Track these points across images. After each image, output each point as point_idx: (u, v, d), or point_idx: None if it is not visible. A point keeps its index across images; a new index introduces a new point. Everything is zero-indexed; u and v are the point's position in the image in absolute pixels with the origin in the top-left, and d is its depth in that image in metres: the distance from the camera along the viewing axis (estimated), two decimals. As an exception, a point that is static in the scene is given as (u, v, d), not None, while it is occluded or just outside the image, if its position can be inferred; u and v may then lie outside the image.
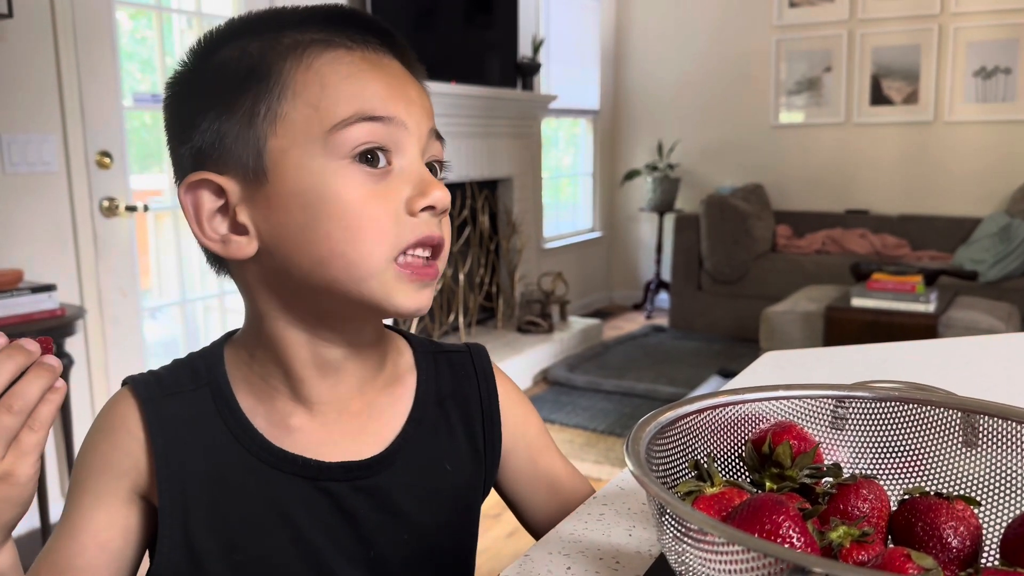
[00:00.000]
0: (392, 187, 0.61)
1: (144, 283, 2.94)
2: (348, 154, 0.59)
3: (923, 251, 4.78)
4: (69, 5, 2.44)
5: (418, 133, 0.63)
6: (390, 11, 3.53)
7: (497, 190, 4.60)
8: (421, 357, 0.74)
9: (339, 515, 0.66)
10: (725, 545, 0.42)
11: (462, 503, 0.72)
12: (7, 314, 2.15)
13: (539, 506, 0.78)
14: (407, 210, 0.61)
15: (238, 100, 0.60)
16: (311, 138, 0.59)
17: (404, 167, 0.62)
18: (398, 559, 0.68)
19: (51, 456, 2.49)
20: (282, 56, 0.61)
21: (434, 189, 0.61)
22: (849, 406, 0.63)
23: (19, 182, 2.38)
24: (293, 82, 0.60)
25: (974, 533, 0.52)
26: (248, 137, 0.60)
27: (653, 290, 5.59)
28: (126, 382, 0.67)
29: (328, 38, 0.62)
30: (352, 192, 0.59)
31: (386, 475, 0.67)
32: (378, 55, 0.63)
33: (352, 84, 0.60)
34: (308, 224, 0.60)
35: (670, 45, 5.62)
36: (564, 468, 0.80)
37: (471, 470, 0.73)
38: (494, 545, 2.31)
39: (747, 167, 5.45)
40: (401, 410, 0.70)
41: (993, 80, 4.78)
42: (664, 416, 0.58)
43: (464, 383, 0.75)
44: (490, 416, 0.74)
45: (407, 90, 0.63)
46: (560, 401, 3.70)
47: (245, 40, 0.62)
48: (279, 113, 0.60)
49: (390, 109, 0.61)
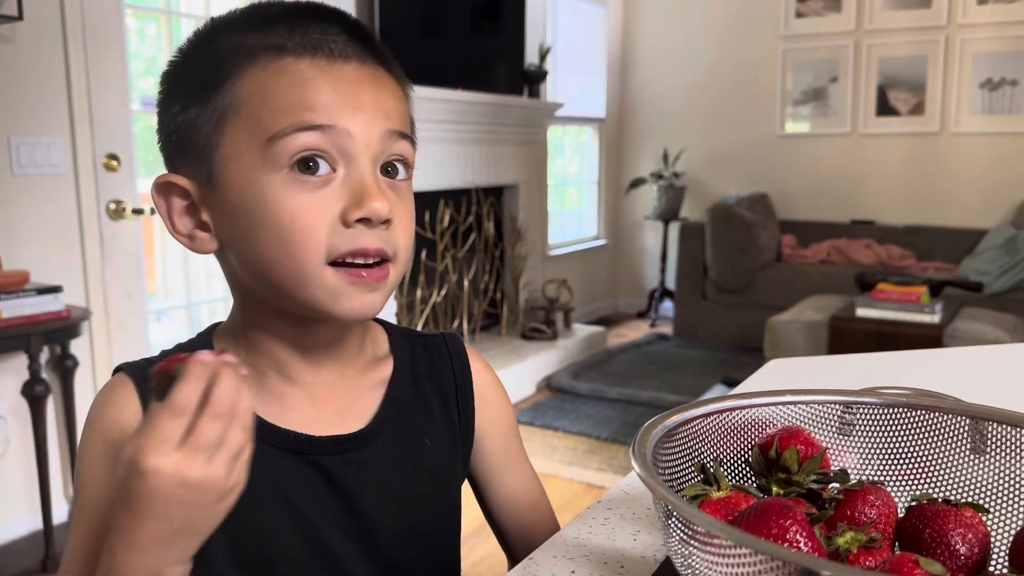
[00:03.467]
0: (330, 196, 0.61)
1: (150, 286, 2.94)
2: (287, 164, 0.60)
3: (928, 262, 4.77)
4: (79, 8, 2.46)
5: (367, 139, 0.62)
6: (398, 18, 3.54)
7: (503, 197, 4.61)
8: (397, 341, 0.78)
9: (330, 488, 0.68)
10: (732, 548, 0.42)
11: (442, 477, 0.75)
12: (13, 315, 2.16)
13: (507, 495, 0.81)
14: (342, 220, 0.61)
15: (200, 104, 0.63)
16: (252, 148, 0.61)
17: (348, 175, 0.62)
18: (386, 531, 0.70)
19: (55, 458, 2.49)
20: (235, 65, 0.62)
21: (370, 200, 0.61)
22: (857, 412, 0.62)
23: (27, 184, 2.39)
24: (241, 92, 0.62)
25: (982, 540, 0.52)
26: (203, 143, 0.63)
27: (657, 298, 5.59)
28: (120, 368, 0.68)
29: (282, 43, 0.62)
30: (287, 203, 0.60)
31: (371, 448, 0.70)
32: (333, 60, 0.62)
33: (294, 93, 0.60)
34: (250, 231, 0.62)
35: (676, 54, 5.63)
36: (533, 471, 0.85)
37: (448, 445, 0.76)
38: (497, 551, 2.30)
39: (753, 176, 5.45)
40: (380, 390, 0.73)
41: (1000, 92, 4.77)
42: (671, 419, 0.58)
43: (439, 363, 0.78)
44: (464, 393, 0.78)
45: (357, 95, 0.62)
46: (564, 408, 3.70)
47: (218, 41, 0.64)
48: (227, 122, 0.62)
49: (332, 117, 0.60)
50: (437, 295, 3.98)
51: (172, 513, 0.51)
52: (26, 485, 2.44)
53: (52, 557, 2.26)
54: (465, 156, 4.08)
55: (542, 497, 0.84)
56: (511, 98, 4.33)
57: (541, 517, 0.82)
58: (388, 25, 3.47)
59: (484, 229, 4.37)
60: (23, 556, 2.32)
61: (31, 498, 2.43)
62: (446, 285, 4.06)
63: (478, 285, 4.37)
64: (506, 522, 0.82)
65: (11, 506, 2.42)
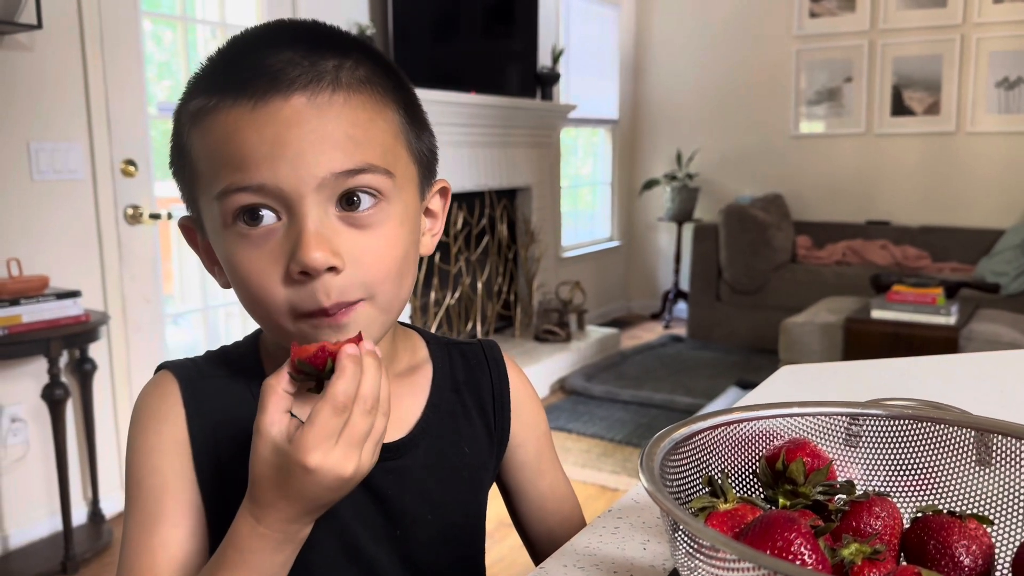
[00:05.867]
0: (277, 249, 0.59)
1: (167, 289, 2.98)
2: (232, 220, 0.60)
3: (944, 263, 4.74)
4: (97, 16, 2.49)
5: (301, 191, 0.58)
6: (411, 22, 3.56)
7: (516, 199, 4.62)
8: (435, 349, 0.78)
9: (368, 495, 0.68)
10: (736, 562, 0.43)
11: (477, 483, 0.76)
12: (33, 319, 2.19)
13: (538, 503, 0.82)
14: (288, 275, 0.59)
15: (178, 163, 0.66)
16: (209, 205, 0.62)
17: (291, 223, 0.59)
18: (421, 537, 0.71)
19: (74, 461, 2.53)
20: (184, 125, 0.63)
21: (303, 253, 0.57)
22: (863, 424, 0.63)
23: (46, 189, 2.42)
24: (192, 153, 0.63)
25: (987, 552, 0.52)
26: (191, 198, 0.66)
27: (671, 300, 5.58)
28: (164, 366, 0.69)
29: (211, 91, 0.60)
30: (239, 259, 0.61)
31: (411, 456, 0.71)
32: (256, 102, 0.58)
33: (225, 151, 0.59)
34: (231, 282, 0.64)
35: (689, 55, 5.62)
36: (565, 477, 0.85)
37: (485, 453, 0.77)
38: (510, 554, 2.31)
39: (767, 177, 5.44)
40: (420, 397, 0.74)
41: (1016, 91, 4.74)
42: (679, 432, 0.59)
43: (476, 371, 0.79)
44: (500, 401, 0.79)
45: (287, 143, 0.57)
46: (577, 411, 3.70)
47: (184, 97, 0.64)
48: (195, 182, 0.63)
49: (259, 175, 0.58)
50: (451, 297, 4.00)
51: (322, 497, 0.55)
52: (46, 487, 2.47)
53: (71, 558, 2.29)
54: (478, 159, 4.09)
55: (574, 507, 0.84)
56: (524, 100, 4.34)
57: (572, 527, 0.82)
58: (401, 29, 3.49)
59: (497, 231, 4.39)
60: (43, 558, 2.35)
61: (51, 500, 2.46)
62: (460, 287, 4.07)
63: (491, 287, 4.38)
64: (535, 530, 0.83)
65: (31, 508, 2.46)
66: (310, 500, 0.55)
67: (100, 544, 2.43)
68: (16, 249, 2.34)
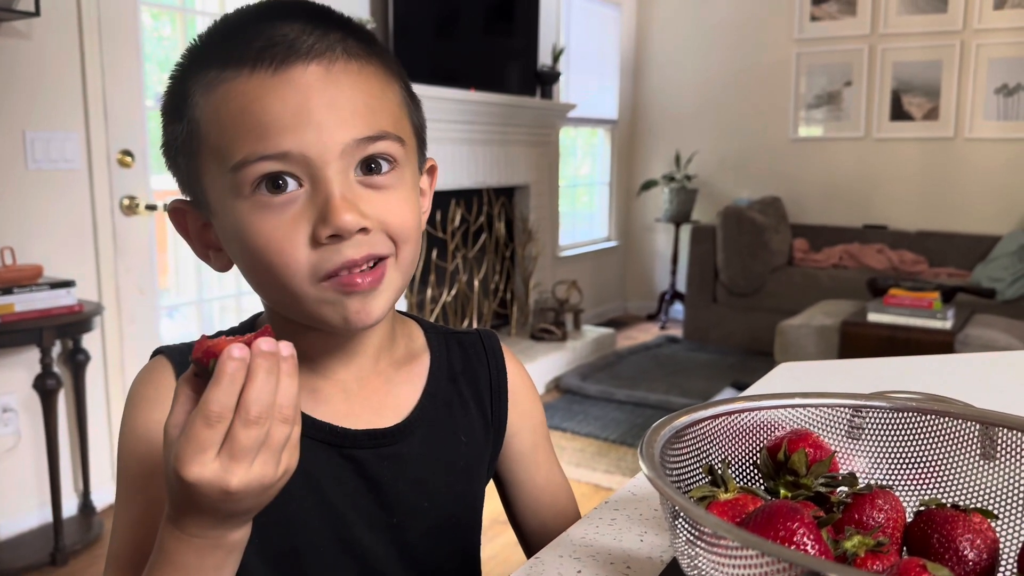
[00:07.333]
0: (299, 215, 0.59)
1: (162, 282, 2.96)
2: (251, 189, 0.59)
3: (941, 268, 4.75)
4: (95, 5, 2.47)
5: (325, 157, 0.59)
6: (411, 19, 3.55)
7: (514, 197, 4.61)
8: (433, 338, 0.78)
9: (363, 482, 0.68)
10: (739, 549, 0.42)
11: (473, 473, 0.75)
12: (26, 308, 2.18)
13: (532, 495, 0.81)
14: (315, 238, 0.59)
15: (177, 136, 0.63)
16: (222, 177, 0.60)
17: (315, 189, 0.59)
18: (417, 526, 0.70)
19: (65, 452, 2.51)
20: (195, 96, 0.61)
21: (335, 217, 0.58)
22: (866, 416, 0.62)
23: (41, 178, 2.40)
24: (200, 123, 0.61)
25: (991, 546, 0.51)
26: (190, 171, 0.64)
27: (668, 301, 5.58)
28: (159, 351, 0.68)
29: (225, 59, 0.59)
30: (258, 228, 0.60)
31: (407, 444, 0.70)
32: (276, 67, 0.59)
33: (244, 120, 0.58)
34: (241, 256, 0.63)
35: (690, 56, 5.62)
36: (561, 471, 0.85)
37: (482, 443, 0.76)
38: (503, 552, 2.30)
39: (765, 180, 5.44)
40: (417, 385, 0.73)
41: (1015, 97, 4.74)
42: (679, 420, 0.58)
43: (474, 361, 0.78)
44: (498, 391, 0.78)
45: (308, 109, 0.58)
46: (572, 410, 3.69)
47: (182, 69, 0.63)
48: (199, 153, 0.62)
49: (283, 143, 0.58)
50: (447, 295, 3.99)
51: (220, 509, 0.50)
52: (36, 478, 2.45)
53: (61, 550, 2.28)
54: (477, 156, 4.08)
55: (570, 501, 0.83)
56: (524, 99, 4.33)
57: (567, 521, 0.80)
58: (402, 26, 3.48)
59: (495, 229, 4.38)
60: (32, 549, 2.33)
61: (41, 491, 2.44)
62: (456, 285, 4.06)
63: (488, 285, 4.37)
64: (529, 523, 0.82)
65: (21, 499, 2.44)
66: (208, 511, 0.50)
67: (90, 536, 2.41)
68: (10, 238, 2.33)
